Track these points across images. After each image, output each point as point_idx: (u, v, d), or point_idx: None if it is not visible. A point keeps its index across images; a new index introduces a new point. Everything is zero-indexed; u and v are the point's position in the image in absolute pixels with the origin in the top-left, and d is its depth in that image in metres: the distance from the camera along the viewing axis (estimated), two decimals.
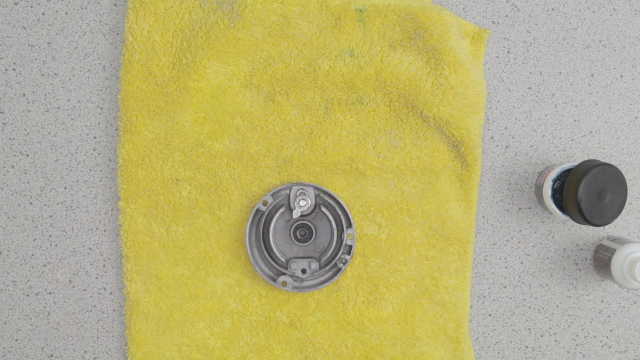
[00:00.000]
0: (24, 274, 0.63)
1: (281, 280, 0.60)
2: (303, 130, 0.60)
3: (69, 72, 0.62)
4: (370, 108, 0.60)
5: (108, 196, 0.63)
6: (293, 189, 0.60)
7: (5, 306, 0.63)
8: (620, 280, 0.58)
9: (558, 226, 0.63)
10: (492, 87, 0.63)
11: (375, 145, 0.60)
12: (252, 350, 0.61)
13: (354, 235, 0.60)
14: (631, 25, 0.62)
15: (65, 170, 0.62)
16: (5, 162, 0.62)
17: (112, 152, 0.62)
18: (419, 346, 0.61)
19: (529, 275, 0.63)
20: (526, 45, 0.62)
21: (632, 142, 0.63)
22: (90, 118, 0.62)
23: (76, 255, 0.63)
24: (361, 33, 0.59)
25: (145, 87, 0.59)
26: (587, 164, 0.56)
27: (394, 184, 0.61)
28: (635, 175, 0.63)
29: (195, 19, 0.59)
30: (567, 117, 0.63)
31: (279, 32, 0.59)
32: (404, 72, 0.58)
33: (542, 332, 0.64)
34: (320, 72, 0.59)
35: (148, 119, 0.60)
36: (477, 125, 0.59)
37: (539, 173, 0.63)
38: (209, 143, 0.60)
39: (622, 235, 0.63)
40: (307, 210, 0.60)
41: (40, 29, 0.62)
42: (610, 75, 0.63)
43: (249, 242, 0.60)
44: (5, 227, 0.63)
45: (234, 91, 0.60)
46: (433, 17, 0.57)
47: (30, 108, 0.62)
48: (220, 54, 0.58)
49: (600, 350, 0.64)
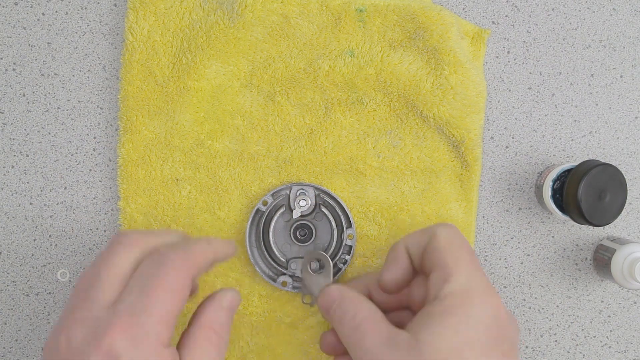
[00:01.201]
0: (24, 274, 0.63)
1: (281, 280, 0.60)
2: (303, 130, 0.60)
3: (69, 72, 0.62)
4: (370, 108, 0.60)
5: (108, 196, 0.63)
6: (293, 189, 0.60)
7: (5, 306, 0.63)
8: (620, 280, 0.58)
9: (558, 226, 0.63)
10: (492, 87, 0.63)
11: (375, 145, 0.60)
12: (253, 350, 0.61)
13: (354, 235, 0.60)
14: (631, 25, 0.62)
15: (65, 170, 0.62)
16: (5, 162, 0.62)
17: (112, 152, 0.62)
18: None
19: (529, 275, 0.63)
20: (526, 45, 0.62)
21: (632, 142, 0.63)
22: (90, 118, 0.62)
23: (76, 255, 0.63)
24: (361, 33, 0.59)
25: (146, 87, 0.59)
26: (587, 164, 0.56)
27: (394, 184, 0.61)
28: (635, 175, 0.63)
29: (195, 19, 0.59)
30: (567, 117, 0.63)
31: (279, 32, 0.59)
32: (404, 72, 0.58)
33: (542, 332, 0.64)
34: (320, 72, 0.59)
35: (148, 118, 0.60)
36: (477, 125, 0.59)
37: (539, 173, 0.63)
38: (209, 143, 0.60)
39: (622, 235, 0.63)
40: (307, 211, 0.60)
41: (40, 29, 0.62)
42: (610, 75, 0.63)
43: (249, 242, 0.60)
44: (5, 227, 0.63)
45: (234, 91, 0.60)
46: (433, 17, 0.57)
47: (30, 108, 0.62)
48: (221, 53, 0.58)
49: (600, 350, 0.64)
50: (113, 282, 0.45)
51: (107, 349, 0.41)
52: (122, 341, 0.42)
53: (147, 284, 0.44)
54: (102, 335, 0.42)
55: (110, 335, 0.42)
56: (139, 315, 0.43)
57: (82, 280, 0.46)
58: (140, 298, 0.43)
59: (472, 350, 0.43)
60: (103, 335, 0.42)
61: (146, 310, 0.43)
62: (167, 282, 0.44)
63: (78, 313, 0.44)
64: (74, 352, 0.42)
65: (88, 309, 0.44)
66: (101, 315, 0.43)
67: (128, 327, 0.42)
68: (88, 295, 0.45)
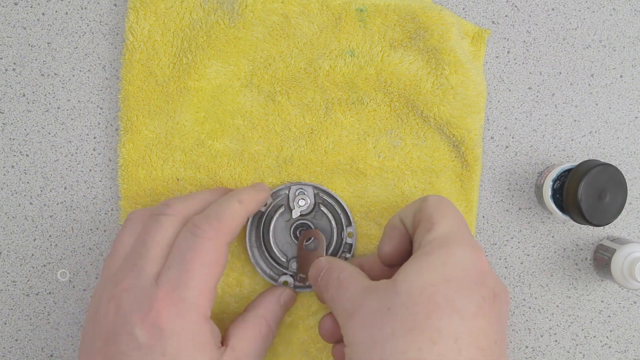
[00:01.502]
0: (24, 274, 0.63)
1: (282, 280, 0.60)
2: (303, 130, 0.60)
3: (69, 72, 0.62)
4: (371, 108, 0.60)
5: (108, 196, 0.62)
6: (292, 189, 0.60)
7: (5, 306, 0.63)
8: (620, 280, 0.58)
9: (558, 226, 0.63)
10: (492, 87, 0.63)
11: (376, 145, 0.60)
12: None
13: (354, 233, 0.60)
14: (631, 25, 0.62)
15: (65, 170, 0.62)
16: (5, 162, 0.62)
17: (112, 152, 0.62)
18: None
19: (529, 275, 0.63)
20: (526, 45, 0.62)
21: (632, 142, 0.63)
22: (90, 118, 0.62)
23: (76, 255, 0.63)
24: (362, 33, 0.59)
25: (146, 87, 0.59)
26: (587, 164, 0.56)
27: (394, 183, 0.61)
28: (635, 175, 0.63)
29: (195, 19, 0.59)
30: (567, 117, 0.63)
31: (280, 32, 0.59)
32: (405, 72, 0.58)
33: (542, 332, 0.64)
34: (320, 71, 0.59)
35: (148, 118, 0.60)
36: (477, 125, 0.59)
37: (539, 173, 0.63)
38: (210, 143, 0.60)
39: (622, 235, 0.63)
40: (306, 210, 0.60)
41: (40, 29, 0.62)
42: (610, 75, 0.63)
43: (249, 242, 0.60)
44: (5, 227, 0.62)
45: (235, 91, 0.60)
46: (433, 17, 0.57)
47: (30, 108, 0.62)
48: (221, 53, 0.58)
49: (600, 350, 0.64)
50: (158, 253, 0.47)
51: (152, 321, 0.43)
52: (166, 314, 0.44)
53: (184, 258, 0.46)
54: (148, 306, 0.44)
55: (156, 308, 0.44)
56: (181, 290, 0.44)
57: (130, 248, 0.48)
58: (179, 273, 0.45)
59: (449, 286, 0.43)
60: (149, 307, 0.44)
61: (186, 284, 0.45)
62: (203, 255, 0.46)
63: (127, 282, 0.46)
64: (121, 321, 0.44)
65: (136, 278, 0.46)
66: (147, 287, 0.45)
67: (171, 300, 0.44)
68: (136, 265, 0.47)
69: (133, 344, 0.43)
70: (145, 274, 0.45)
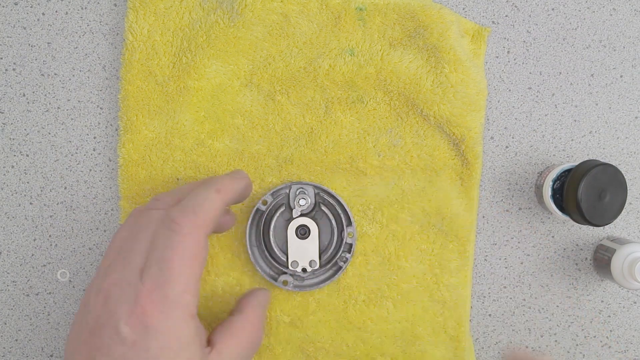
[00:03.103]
0: (24, 274, 0.63)
1: (282, 279, 0.60)
2: (303, 129, 0.60)
3: (69, 72, 0.62)
4: (371, 107, 0.60)
5: (108, 196, 0.62)
6: (292, 188, 0.60)
7: (5, 306, 0.63)
8: (620, 280, 0.58)
9: (558, 226, 0.63)
10: (492, 87, 0.63)
11: (376, 144, 0.60)
12: None
13: (354, 233, 0.60)
14: (631, 25, 0.62)
15: (65, 170, 0.62)
16: (5, 162, 0.62)
17: (112, 152, 0.62)
18: (419, 344, 0.61)
19: (529, 275, 0.63)
20: (526, 45, 0.63)
21: (632, 142, 0.63)
22: (90, 118, 0.62)
23: (76, 255, 0.63)
24: (361, 32, 0.59)
25: (146, 87, 0.59)
26: (587, 164, 0.56)
27: (394, 182, 0.61)
28: (635, 175, 0.63)
29: (195, 18, 0.59)
30: (567, 117, 0.63)
31: (279, 31, 0.59)
32: (404, 71, 0.58)
33: (542, 332, 0.64)
34: (320, 71, 0.59)
35: (148, 118, 0.60)
36: (477, 123, 0.59)
37: (539, 173, 0.63)
38: (210, 142, 0.60)
39: (622, 235, 0.63)
40: (306, 209, 0.60)
41: (40, 29, 0.62)
42: (610, 75, 0.63)
43: (249, 241, 0.60)
44: (5, 227, 0.62)
45: (234, 90, 0.60)
46: (433, 16, 0.57)
47: (30, 108, 0.62)
48: (221, 53, 0.59)
49: (600, 350, 0.64)
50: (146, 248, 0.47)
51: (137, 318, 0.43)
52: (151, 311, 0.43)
53: (163, 257, 0.45)
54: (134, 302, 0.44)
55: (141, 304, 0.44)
56: (163, 288, 0.44)
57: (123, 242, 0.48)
58: (160, 272, 0.45)
59: None
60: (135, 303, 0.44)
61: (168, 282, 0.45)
62: (182, 252, 0.46)
63: (115, 275, 0.45)
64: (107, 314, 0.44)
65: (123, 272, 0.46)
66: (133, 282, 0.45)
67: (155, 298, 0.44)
68: (125, 258, 0.46)
69: (117, 338, 0.43)
70: (131, 269, 0.45)
